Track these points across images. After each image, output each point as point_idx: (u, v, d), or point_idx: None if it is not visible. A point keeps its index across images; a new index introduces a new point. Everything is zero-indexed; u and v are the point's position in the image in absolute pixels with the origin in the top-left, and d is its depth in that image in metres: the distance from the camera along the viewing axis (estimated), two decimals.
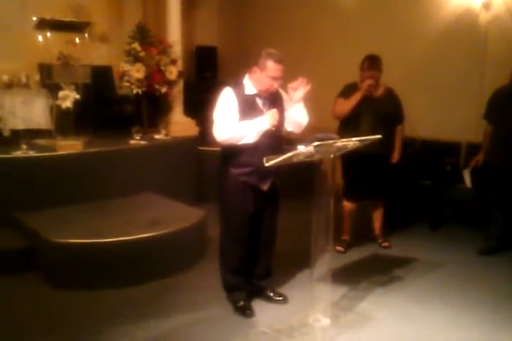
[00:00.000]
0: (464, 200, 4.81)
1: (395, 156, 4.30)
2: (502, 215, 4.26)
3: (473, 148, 4.85)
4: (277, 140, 3.08)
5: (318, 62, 6.24)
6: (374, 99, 4.10)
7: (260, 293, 3.38)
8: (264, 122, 2.92)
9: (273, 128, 2.95)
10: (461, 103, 5.28)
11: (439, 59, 5.42)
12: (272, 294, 3.38)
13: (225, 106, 2.97)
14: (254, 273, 3.33)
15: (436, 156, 5.10)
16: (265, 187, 3.08)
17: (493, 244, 4.30)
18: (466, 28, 5.21)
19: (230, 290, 3.29)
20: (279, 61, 2.94)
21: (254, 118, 2.93)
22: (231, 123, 2.92)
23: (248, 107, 2.97)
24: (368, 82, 4.00)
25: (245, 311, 3.18)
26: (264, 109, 3.01)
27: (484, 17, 5.12)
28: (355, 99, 4.02)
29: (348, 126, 4.07)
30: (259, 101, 3.04)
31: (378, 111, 4.05)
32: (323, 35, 6.36)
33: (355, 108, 4.03)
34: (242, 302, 3.22)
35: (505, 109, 4.07)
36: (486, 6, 5.08)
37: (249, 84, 3.02)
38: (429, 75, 5.48)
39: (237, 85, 3.02)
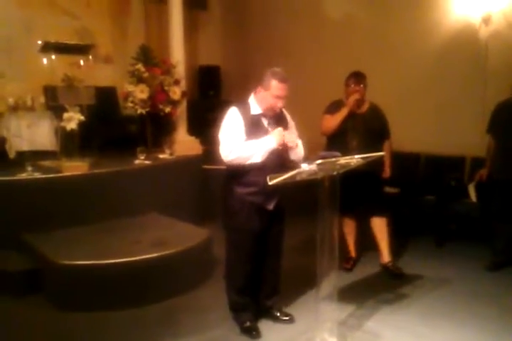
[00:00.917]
0: (469, 215, 4.79)
1: (387, 171, 4.28)
2: (508, 229, 4.23)
3: (477, 163, 4.85)
4: (283, 159, 3.08)
5: (322, 78, 6.28)
6: (360, 115, 4.11)
7: (267, 312, 3.36)
8: (271, 141, 2.93)
9: (280, 147, 2.96)
10: (464, 117, 5.29)
11: (440, 74, 5.45)
12: (278, 314, 3.35)
13: (231, 125, 2.99)
14: (261, 292, 3.32)
15: (440, 171, 5.10)
16: (271, 206, 3.08)
17: (500, 259, 4.27)
18: (466, 43, 5.26)
19: (236, 310, 3.26)
20: (283, 80, 2.96)
21: (259, 137, 2.95)
22: (238, 143, 2.93)
23: (254, 127, 2.99)
24: (355, 96, 4.02)
25: (251, 332, 3.15)
26: (269, 129, 3.03)
27: (484, 32, 5.16)
28: (341, 114, 4.03)
29: (335, 142, 4.04)
30: (264, 121, 3.06)
31: (365, 127, 4.06)
32: (325, 51, 6.42)
33: (342, 124, 4.03)
34: (248, 323, 3.20)
35: (508, 123, 4.08)
36: (486, 21, 5.12)
37: (255, 104, 3.05)
38: (431, 90, 5.51)
39: (243, 105, 3.05)
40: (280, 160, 3.04)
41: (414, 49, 5.61)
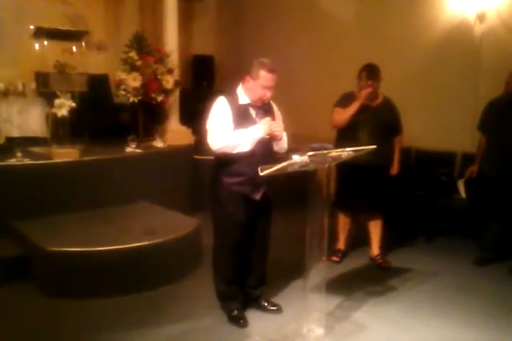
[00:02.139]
0: (459, 211, 4.82)
1: (395, 167, 4.23)
2: (497, 225, 4.27)
3: (468, 159, 4.87)
4: (270, 149, 3.09)
5: (314, 71, 6.28)
6: (372, 109, 4.07)
7: (254, 302, 3.37)
8: (258, 130, 2.94)
9: (267, 137, 2.97)
10: (456, 113, 5.31)
11: (433, 69, 5.46)
12: (266, 304, 3.37)
13: (219, 115, 2.99)
14: (247, 282, 3.33)
15: (431, 166, 5.12)
16: (257, 196, 3.08)
17: (488, 255, 4.31)
18: (460, 39, 5.27)
19: (224, 299, 3.28)
20: (271, 70, 2.96)
21: (247, 127, 2.96)
22: (226, 131, 2.94)
23: (241, 116, 3.00)
24: (368, 90, 3.96)
25: (239, 321, 3.17)
26: (257, 119, 3.04)
27: (479, 28, 5.17)
28: (354, 108, 3.97)
29: (345, 135, 4.02)
30: (252, 111, 3.06)
31: (376, 120, 4.01)
32: (319, 45, 6.41)
33: (353, 117, 3.98)
34: (235, 312, 3.21)
35: (499, 120, 4.10)
36: (481, 18, 5.13)
37: (243, 94, 3.05)
38: (424, 86, 5.52)
39: (231, 95, 3.05)
40: (268, 150, 3.06)
41: (409, 44, 5.61)
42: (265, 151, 3.02)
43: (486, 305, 3.53)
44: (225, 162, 3.01)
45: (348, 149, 2.82)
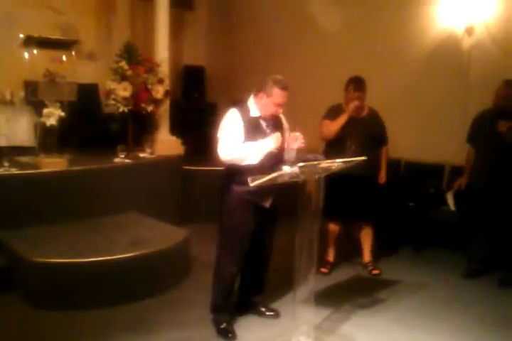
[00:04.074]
0: (447, 223, 4.83)
1: (382, 177, 4.32)
2: (485, 238, 4.28)
3: (456, 171, 4.90)
4: (279, 160, 3.14)
5: (304, 82, 6.30)
6: (359, 120, 4.13)
7: (253, 308, 3.43)
8: (269, 144, 3.01)
9: (276, 151, 3.04)
10: (445, 126, 5.35)
11: (423, 82, 5.51)
12: (264, 309, 3.44)
13: (231, 126, 3.05)
14: (248, 288, 3.40)
15: (420, 178, 5.14)
16: (267, 204, 3.15)
17: (476, 267, 4.31)
18: (449, 52, 5.32)
19: (216, 310, 3.28)
20: (285, 88, 3.04)
21: (257, 139, 3.03)
22: (237, 143, 3.01)
23: (253, 129, 3.07)
24: (355, 103, 4.04)
25: (227, 334, 3.15)
26: (267, 131, 3.11)
27: (467, 42, 5.23)
28: (342, 120, 4.05)
29: (334, 147, 4.08)
30: (263, 123, 3.14)
31: (364, 132, 4.08)
32: (309, 56, 6.43)
33: (341, 129, 4.06)
34: (224, 325, 3.20)
35: (488, 133, 4.13)
36: (469, 31, 5.19)
37: (254, 107, 3.12)
38: (413, 98, 5.57)
39: (243, 107, 3.12)
40: (277, 161, 3.09)
41: (399, 57, 5.66)
42: (274, 161, 3.05)
43: (473, 317, 3.53)
44: (235, 171, 3.07)
45: (338, 160, 2.83)
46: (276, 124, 3.19)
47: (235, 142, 3.01)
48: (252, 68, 7.02)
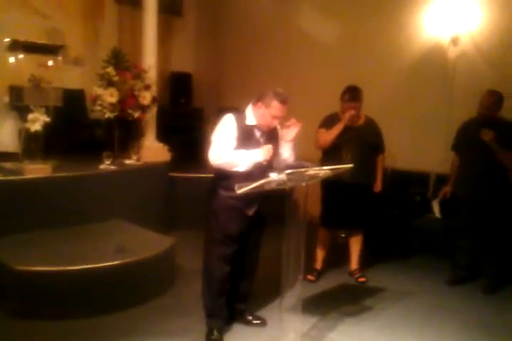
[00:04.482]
0: (433, 230, 4.87)
1: (378, 185, 4.34)
2: (469, 246, 4.31)
3: (441, 179, 4.94)
4: (268, 168, 3.10)
5: (294, 90, 6.32)
6: (355, 129, 4.16)
7: (239, 316, 3.42)
8: (258, 155, 3.01)
9: (265, 163, 3.04)
10: (430, 135, 5.40)
11: (408, 91, 5.56)
12: (250, 317, 3.43)
13: (225, 131, 3.06)
14: (234, 296, 3.37)
15: (405, 186, 5.17)
16: (250, 212, 3.15)
17: (461, 274, 4.35)
18: (435, 62, 5.38)
19: (208, 315, 3.27)
20: (284, 102, 3.04)
21: (249, 147, 3.03)
22: (228, 149, 3.01)
23: (246, 136, 3.07)
24: (350, 113, 4.07)
25: None
26: (261, 141, 3.12)
27: (452, 52, 5.30)
28: (337, 129, 4.08)
29: (330, 156, 4.12)
30: (257, 132, 3.14)
31: (360, 140, 4.12)
32: (298, 64, 6.46)
33: (337, 138, 4.09)
34: (215, 333, 3.19)
35: (473, 141, 4.17)
36: (454, 42, 5.26)
37: (251, 115, 3.12)
38: (399, 107, 5.61)
39: (239, 114, 3.12)
40: (265, 169, 3.06)
41: (384, 67, 5.71)
42: (264, 169, 3.03)
43: (458, 323, 3.56)
44: (223, 176, 3.08)
45: (325, 168, 2.83)
46: (271, 135, 3.18)
47: (226, 147, 3.01)
48: (240, 75, 7.04)
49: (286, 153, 3.23)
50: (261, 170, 3.01)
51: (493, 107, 4.10)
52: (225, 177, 3.07)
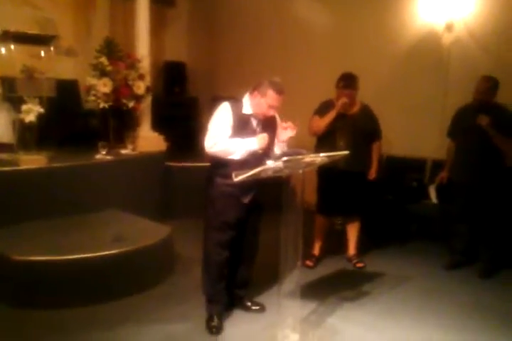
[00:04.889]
0: (429, 216, 4.90)
1: (372, 173, 4.33)
2: (466, 230, 4.34)
3: (438, 165, 4.95)
4: (263, 156, 3.09)
5: (288, 79, 6.30)
6: (350, 116, 4.16)
7: (238, 302, 3.44)
8: (253, 144, 3.01)
9: (260, 151, 3.04)
10: (425, 121, 5.40)
11: (404, 78, 5.56)
12: (249, 303, 3.45)
13: (221, 120, 3.06)
14: (233, 282, 3.39)
15: (402, 173, 5.18)
16: (246, 200, 3.16)
17: (458, 259, 4.38)
18: (430, 48, 5.37)
19: (208, 300, 3.30)
20: (280, 92, 3.03)
21: (245, 136, 3.03)
22: (222, 137, 3.01)
23: (242, 125, 3.07)
24: (343, 100, 4.05)
25: (212, 330, 3.16)
26: (257, 129, 3.11)
27: (447, 38, 5.28)
28: (330, 116, 4.07)
29: (324, 143, 4.11)
30: (253, 121, 3.13)
31: (354, 127, 4.11)
32: (291, 53, 6.43)
33: (331, 125, 4.08)
34: (215, 319, 3.21)
35: (468, 127, 4.18)
36: (449, 28, 5.24)
37: (248, 104, 3.11)
38: (394, 94, 5.61)
39: (236, 102, 3.12)
40: (261, 157, 3.06)
41: (379, 53, 5.69)
42: (260, 157, 3.03)
43: (455, 307, 3.60)
44: (220, 164, 3.08)
45: (321, 154, 2.83)
46: (267, 124, 3.17)
47: (221, 135, 3.01)
48: (234, 63, 7.01)
49: (278, 151, 3.23)
50: (257, 159, 3.01)
51: (489, 92, 4.10)
52: (221, 165, 3.08)
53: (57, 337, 3.06)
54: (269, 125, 3.18)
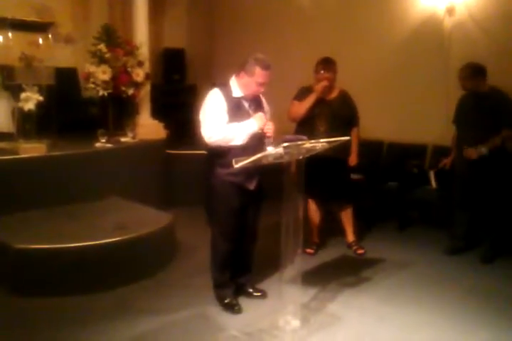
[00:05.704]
0: (430, 201, 4.90)
1: (353, 159, 4.30)
2: (466, 216, 4.34)
3: (439, 151, 4.95)
4: (262, 141, 3.11)
5: (282, 64, 6.25)
6: (328, 102, 4.13)
7: (240, 289, 3.45)
8: (253, 125, 2.99)
9: (260, 131, 3.02)
10: (427, 107, 5.37)
11: (405, 63, 5.51)
12: (251, 290, 3.47)
13: (214, 107, 3.02)
14: (235, 269, 3.40)
15: (403, 159, 5.17)
16: (252, 186, 3.15)
17: (458, 244, 4.38)
18: (430, 33, 5.32)
19: (216, 286, 3.34)
20: (266, 67, 3.00)
21: (241, 119, 3.01)
22: (221, 124, 2.97)
23: (236, 109, 3.05)
24: (323, 83, 4.03)
25: (233, 307, 3.24)
26: (250, 111, 3.09)
27: (448, 22, 5.23)
28: (309, 101, 4.04)
29: (303, 128, 4.06)
30: (245, 104, 3.11)
31: (333, 113, 4.08)
32: (287, 37, 6.38)
33: (310, 110, 4.05)
34: (228, 299, 3.26)
35: (471, 114, 4.15)
36: (450, 12, 5.19)
37: (236, 87, 3.08)
38: (395, 79, 5.57)
39: (225, 87, 3.08)
40: (260, 142, 3.07)
41: (380, 38, 5.65)
42: (257, 143, 3.02)
43: (456, 292, 3.60)
44: (219, 153, 3.05)
45: (322, 140, 2.82)
46: (257, 104, 3.17)
47: (219, 123, 2.98)
48: (233, 50, 6.93)
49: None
50: (255, 143, 3.00)
51: (471, 80, 4.02)
52: (220, 155, 3.05)
53: (58, 324, 3.08)
54: (258, 104, 3.17)
